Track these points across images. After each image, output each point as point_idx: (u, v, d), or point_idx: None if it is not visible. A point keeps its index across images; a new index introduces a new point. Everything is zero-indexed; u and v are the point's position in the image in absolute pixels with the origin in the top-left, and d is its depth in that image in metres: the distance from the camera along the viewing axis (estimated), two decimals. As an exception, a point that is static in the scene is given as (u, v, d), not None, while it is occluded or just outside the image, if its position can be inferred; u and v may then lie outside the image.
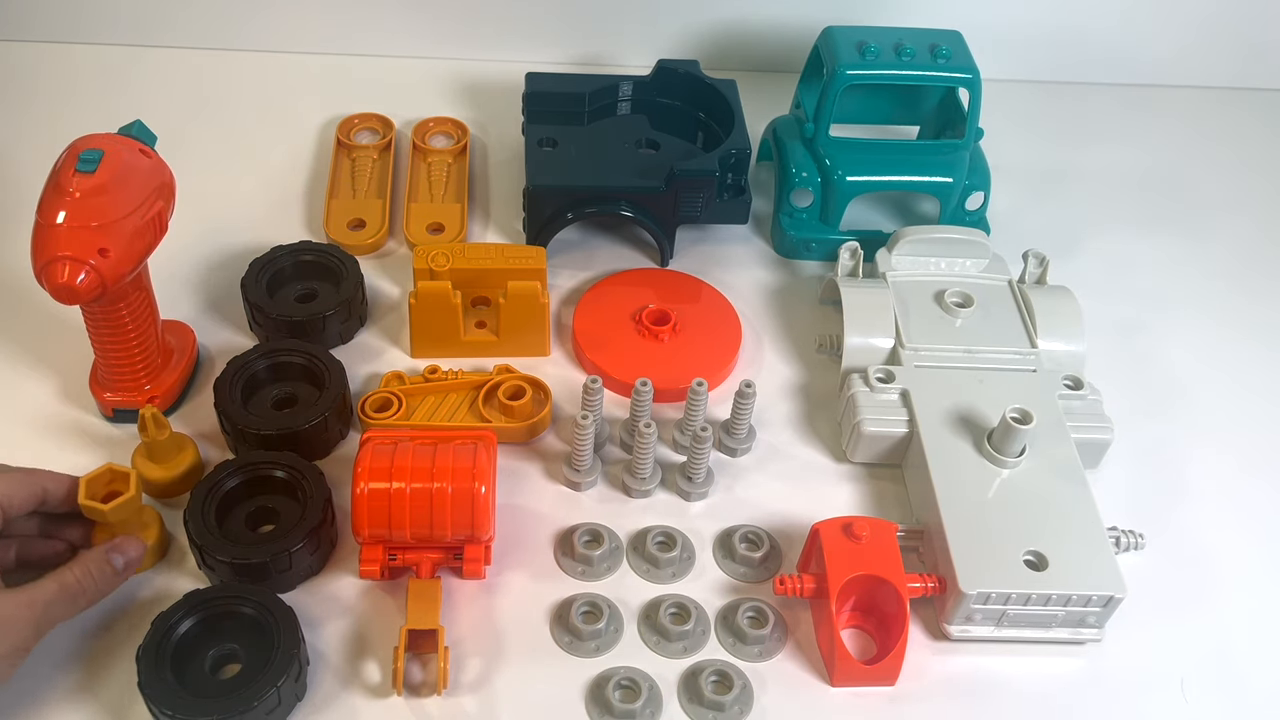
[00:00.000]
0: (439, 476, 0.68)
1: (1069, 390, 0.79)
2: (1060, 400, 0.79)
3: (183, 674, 0.64)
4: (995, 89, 0.93)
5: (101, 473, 0.68)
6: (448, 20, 1.08)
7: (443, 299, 0.82)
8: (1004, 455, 0.74)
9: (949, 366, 0.80)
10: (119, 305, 0.73)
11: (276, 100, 1.05)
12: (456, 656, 0.68)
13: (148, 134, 0.72)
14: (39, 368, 0.81)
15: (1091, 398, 0.79)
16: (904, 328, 0.82)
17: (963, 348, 0.81)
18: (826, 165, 0.91)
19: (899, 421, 0.77)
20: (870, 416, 0.77)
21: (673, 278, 0.91)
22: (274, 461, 0.73)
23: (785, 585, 0.70)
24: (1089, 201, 1.03)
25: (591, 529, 0.74)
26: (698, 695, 0.67)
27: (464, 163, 0.99)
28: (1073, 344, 0.82)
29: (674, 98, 0.97)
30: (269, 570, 0.69)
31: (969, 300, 0.84)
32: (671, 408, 0.82)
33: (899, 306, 0.83)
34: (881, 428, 0.77)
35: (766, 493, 0.78)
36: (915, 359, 0.80)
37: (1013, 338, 0.82)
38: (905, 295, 0.84)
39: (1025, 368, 0.81)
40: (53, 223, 0.66)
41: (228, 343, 0.84)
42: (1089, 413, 0.78)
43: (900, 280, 0.85)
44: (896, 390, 0.79)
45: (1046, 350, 0.82)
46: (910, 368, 0.80)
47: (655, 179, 0.88)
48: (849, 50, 0.89)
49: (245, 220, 0.93)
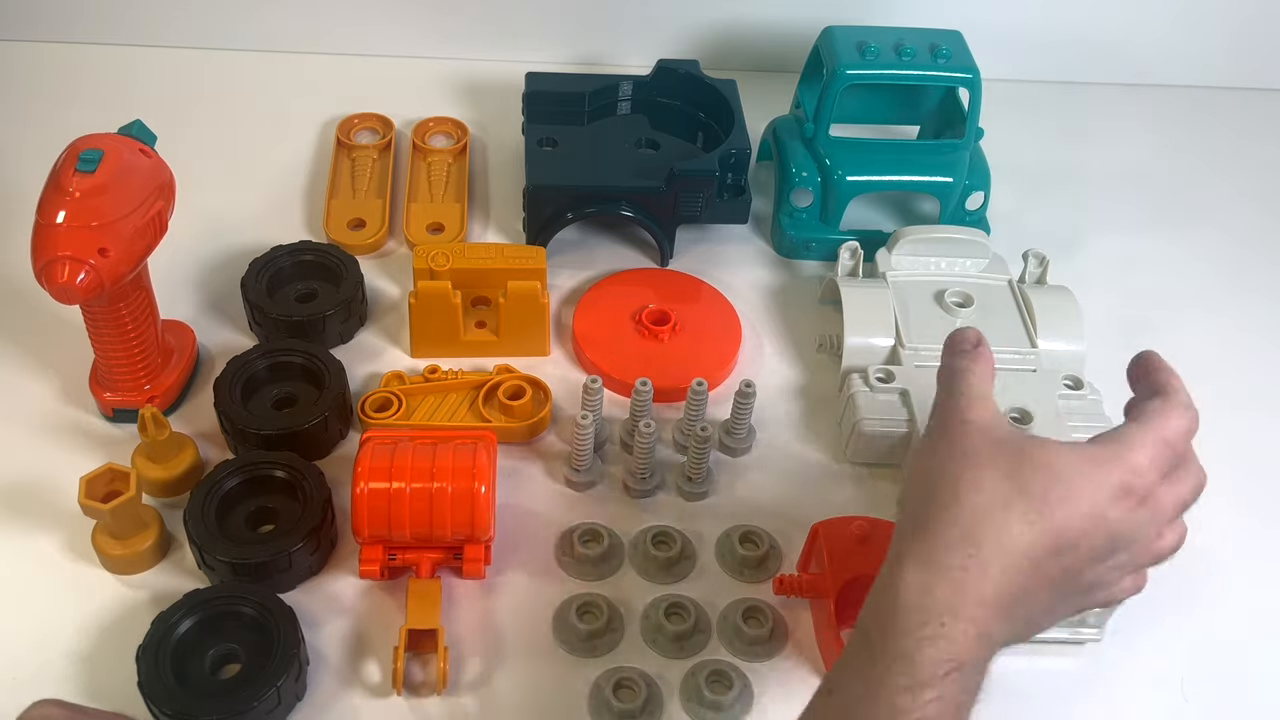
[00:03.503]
0: (439, 476, 0.68)
1: (1069, 390, 0.79)
2: (1060, 400, 0.78)
3: (183, 674, 0.64)
4: (995, 89, 0.93)
5: (101, 473, 0.68)
6: (448, 20, 1.08)
7: (443, 299, 0.82)
8: None
9: None
10: (119, 305, 0.73)
11: (276, 100, 1.05)
12: (456, 656, 0.68)
13: (148, 134, 0.72)
14: (39, 368, 0.81)
15: (1091, 397, 0.79)
16: (904, 328, 0.82)
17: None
18: (826, 165, 0.91)
19: (899, 421, 0.77)
20: (870, 416, 0.77)
21: (673, 278, 0.91)
22: (274, 461, 0.73)
23: (785, 585, 0.70)
24: (1089, 201, 1.03)
25: (591, 529, 0.74)
26: (698, 695, 0.67)
27: (464, 163, 0.99)
28: (1073, 344, 0.82)
29: (674, 98, 0.97)
30: (269, 570, 0.69)
31: (969, 300, 0.84)
32: (671, 408, 0.82)
33: (899, 306, 0.83)
34: (881, 428, 0.77)
35: (766, 493, 0.78)
36: (915, 359, 0.80)
37: (1013, 337, 0.82)
38: (905, 295, 0.84)
39: (1025, 367, 0.81)
40: (53, 223, 0.66)
41: (228, 343, 0.84)
42: (1089, 412, 0.78)
43: (900, 280, 0.85)
44: (896, 390, 0.79)
45: (1046, 350, 0.82)
46: (910, 368, 0.80)
47: (655, 179, 0.88)
48: (849, 50, 0.89)
49: (245, 220, 0.93)
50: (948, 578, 0.54)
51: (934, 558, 0.55)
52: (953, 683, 0.52)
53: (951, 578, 0.54)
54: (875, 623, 0.55)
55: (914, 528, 0.57)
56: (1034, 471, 0.57)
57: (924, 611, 0.53)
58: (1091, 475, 0.57)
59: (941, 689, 0.52)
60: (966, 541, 0.55)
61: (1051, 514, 0.56)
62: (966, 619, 0.53)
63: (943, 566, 0.54)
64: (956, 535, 0.55)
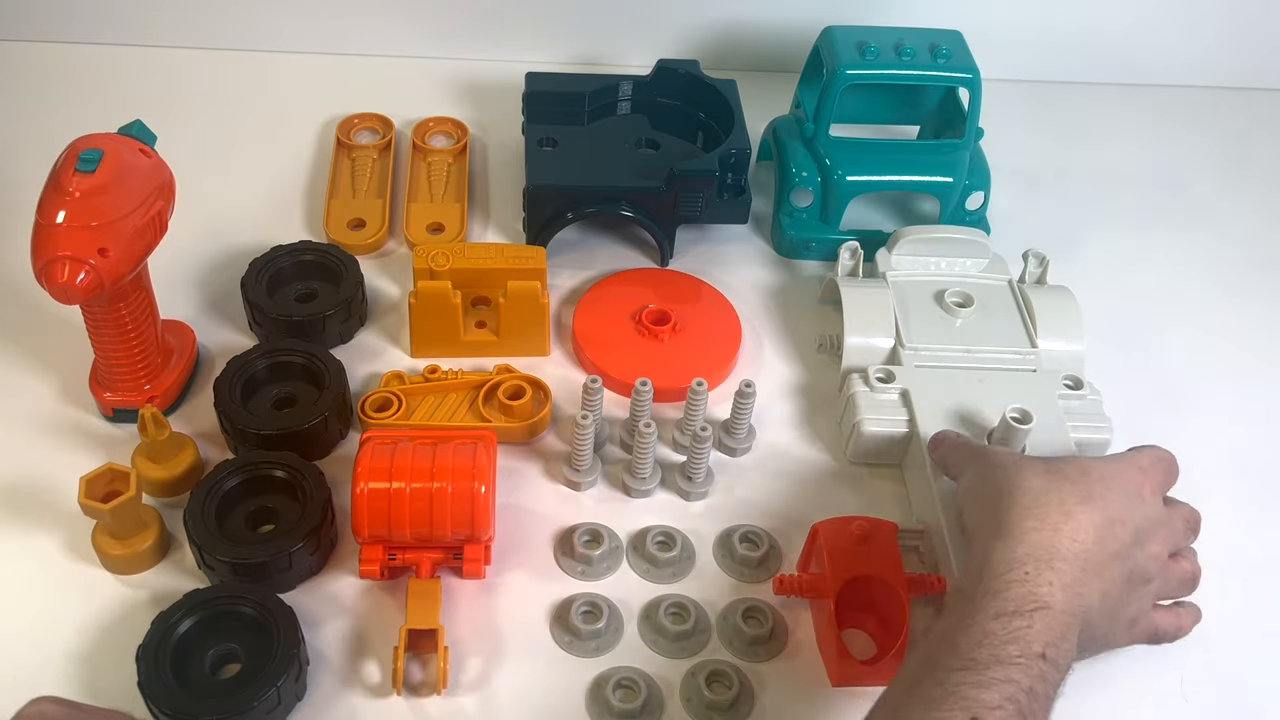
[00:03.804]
0: (439, 476, 0.68)
1: (1069, 390, 0.79)
2: (1060, 400, 0.78)
3: (183, 674, 0.64)
4: (995, 89, 0.93)
5: (101, 473, 0.68)
6: (448, 20, 1.08)
7: (443, 299, 0.82)
8: None
9: (949, 366, 0.80)
10: (119, 305, 0.73)
11: (276, 100, 1.05)
12: (456, 656, 0.68)
13: (148, 134, 0.72)
14: (39, 368, 0.81)
15: (1091, 397, 0.79)
16: (904, 327, 0.82)
17: (963, 347, 0.81)
18: (826, 165, 0.91)
19: (899, 421, 0.77)
20: (870, 416, 0.77)
21: (673, 278, 0.91)
22: (274, 461, 0.73)
23: (785, 585, 0.70)
24: (1089, 201, 1.03)
25: (591, 529, 0.74)
26: (698, 695, 0.67)
27: (464, 163, 0.99)
28: (1073, 343, 0.82)
29: (674, 98, 0.97)
30: (269, 570, 0.69)
31: (969, 300, 0.84)
32: (671, 408, 0.82)
33: (899, 306, 0.83)
34: (882, 428, 0.77)
35: (766, 493, 0.78)
36: (915, 359, 0.80)
37: (1013, 337, 0.82)
38: (905, 295, 0.84)
39: (1025, 367, 0.81)
40: (53, 222, 0.66)
41: (228, 343, 0.84)
42: (1089, 412, 0.78)
43: (900, 280, 0.85)
44: (896, 390, 0.79)
45: (1046, 350, 0.82)
46: (910, 367, 0.80)
47: (655, 179, 0.88)
48: (849, 50, 0.89)
49: (245, 220, 0.93)
50: (1025, 539, 0.61)
51: (1009, 529, 0.62)
52: (1040, 620, 0.57)
53: (1029, 539, 0.61)
54: (965, 582, 0.61)
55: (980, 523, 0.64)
56: (1068, 467, 0.65)
57: (1008, 563, 0.60)
58: (1114, 466, 0.67)
59: (1030, 620, 0.57)
60: (1031, 515, 0.62)
61: (1094, 488, 0.64)
62: (1049, 569, 0.60)
63: (1019, 532, 0.61)
64: (1022, 509, 0.62)
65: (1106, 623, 0.63)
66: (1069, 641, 0.58)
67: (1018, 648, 0.56)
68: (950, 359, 0.81)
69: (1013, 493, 0.63)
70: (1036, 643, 0.56)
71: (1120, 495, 0.64)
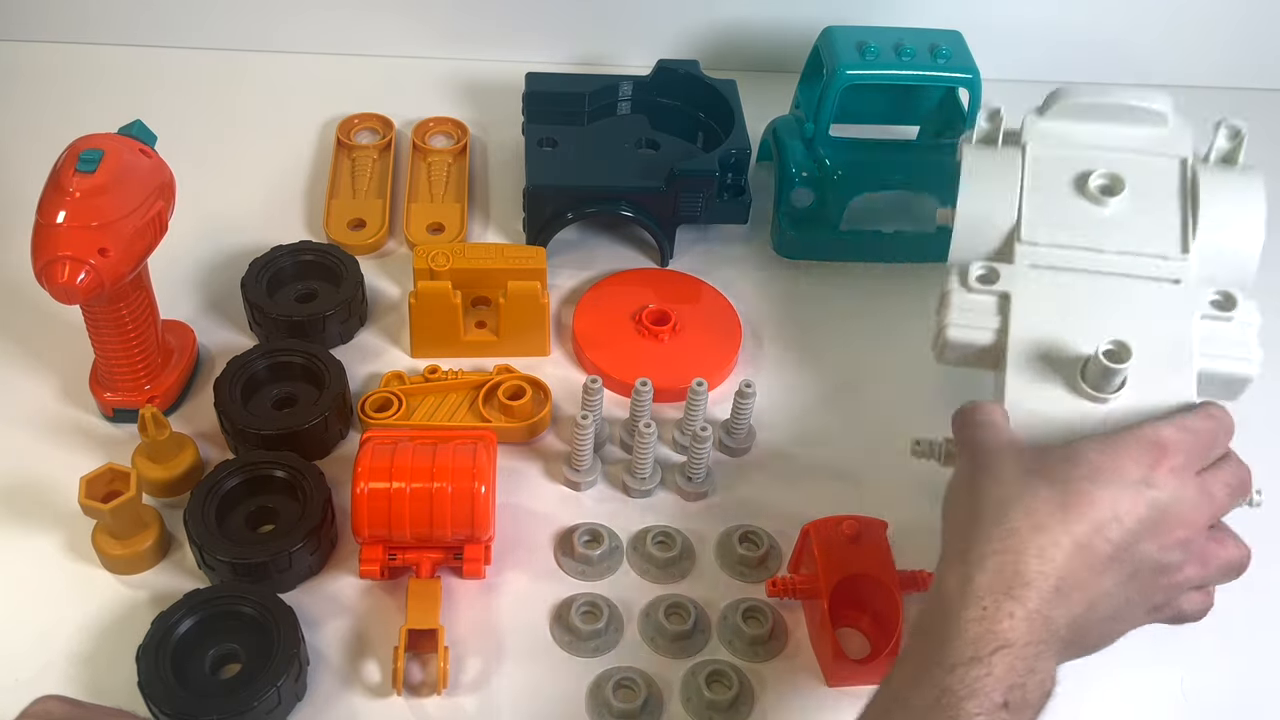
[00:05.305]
0: (439, 476, 0.68)
1: (1215, 311, 0.66)
2: (1203, 322, 0.65)
3: (183, 674, 0.64)
4: (995, 89, 0.92)
5: (102, 473, 0.68)
6: (448, 20, 1.08)
7: (443, 299, 0.82)
8: (1097, 391, 0.64)
9: (1069, 268, 0.68)
10: (119, 305, 0.73)
11: (276, 100, 1.05)
12: (456, 656, 0.68)
13: (148, 134, 0.72)
14: (39, 368, 0.81)
15: (1243, 320, 0.66)
16: (1026, 216, 0.70)
17: (1090, 247, 0.68)
18: (826, 165, 0.91)
19: (987, 330, 0.67)
20: (958, 320, 0.68)
21: (672, 278, 0.91)
22: (274, 461, 0.73)
23: (779, 587, 0.70)
24: (1089, 201, 1.03)
25: (591, 529, 0.74)
26: (698, 695, 0.67)
27: (464, 163, 0.99)
28: (1243, 243, 0.67)
29: (674, 98, 0.97)
30: (269, 570, 0.69)
31: (1118, 185, 0.69)
32: (671, 408, 0.82)
33: (1030, 184, 0.70)
34: (966, 336, 0.68)
35: (766, 493, 0.78)
36: (1031, 256, 0.68)
37: (1161, 237, 0.68)
38: (1040, 174, 0.71)
39: (1166, 276, 0.67)
40: (53, 223, 0.66)
41: (228, 343, 0.84)
42: (1233, 339, 0.65)
43: (1041, 154, 0.72)
44: (996, 293, 0.68)
45: (1205, 253, 0.67)
46: (1022, 267, 0.68)
47: (655, 179, 0.88)
48: (849, 50, 0.89)
49: (245, 220, 0.93)
50: (984, 565, 0.55)
51: (969, 552, 0.56)
52: (1001, 662, 0.53)
53: (987, 565, 0.55)
54: (923, 620, 0.56)
55: (948, 539, 0.59)
56: (1055, 460, 0.59)
57: (965, 598, 0.54)
58: (1114, 448, 0.59)
59: (989, 667, 0.52)
60: (994, 535, 0.56)
61: (1077, 488, 0.57)
62: (1011, 600, 0.54)
63: (977, 556, 0.56)
64: (985, 526, 0.57)
65: (1109, 623, 0.59)
66: (1040, 671, 0.54)
67: (976, 703, 0.52)
68: (1073, 260, 0.68)
69: (979, 503, 0.58)
70: (996, 692, 0.52)
71: (1113, 489, 0.57)
